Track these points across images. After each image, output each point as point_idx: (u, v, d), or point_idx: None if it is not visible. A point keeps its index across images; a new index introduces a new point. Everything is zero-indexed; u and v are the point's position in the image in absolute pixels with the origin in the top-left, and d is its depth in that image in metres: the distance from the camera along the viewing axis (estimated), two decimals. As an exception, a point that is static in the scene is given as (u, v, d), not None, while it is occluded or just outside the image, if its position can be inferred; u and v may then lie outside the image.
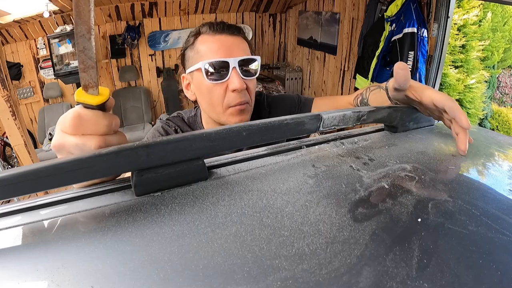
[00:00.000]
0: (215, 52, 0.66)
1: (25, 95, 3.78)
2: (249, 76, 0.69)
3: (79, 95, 0.31)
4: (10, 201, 0.33)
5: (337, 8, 3.29)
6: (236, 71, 0.66)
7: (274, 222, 0.26)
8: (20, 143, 2.12)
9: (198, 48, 0.69)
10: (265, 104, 0.84)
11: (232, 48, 0.68)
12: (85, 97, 0.31)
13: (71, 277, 0.21)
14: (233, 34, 0.69)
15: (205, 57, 0.67)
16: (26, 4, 3.09)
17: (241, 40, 0.71)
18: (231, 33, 0.69)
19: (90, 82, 0.31)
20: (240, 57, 0.67)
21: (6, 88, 1.96)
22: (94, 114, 0.32)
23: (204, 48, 0.68)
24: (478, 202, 0.30)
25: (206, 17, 4.16)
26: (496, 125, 4.08)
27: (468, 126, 0.41)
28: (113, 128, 0.34)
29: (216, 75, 0.66)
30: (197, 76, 0.69)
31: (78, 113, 0.32)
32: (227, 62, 0.65)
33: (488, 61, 3.63)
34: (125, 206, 0.29)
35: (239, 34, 0.71)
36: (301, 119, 0.38)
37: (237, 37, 0.70)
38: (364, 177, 0.33)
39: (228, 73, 0.66)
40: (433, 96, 0.45)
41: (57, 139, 0.34)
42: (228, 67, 0.66)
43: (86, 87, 0.31)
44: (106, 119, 0.33)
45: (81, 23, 0.27)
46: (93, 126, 0.32)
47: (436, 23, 2.09)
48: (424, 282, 0.21)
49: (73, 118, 0.32)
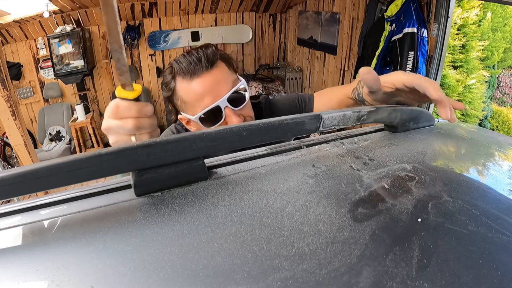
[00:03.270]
0: (200, 99, 0.63)
1: (25, 95, 3.78)
2: (241, 103, 0.67)
3: (119, 92, 0.41)
4: (10, 201, 0.33)
5: (337, 8, 3.29)
6: (229, 108, 0.64)
7: (274, 222, 0.26)
8: (20, 143, 2.12)
9: (181, 96, 0.66)
10: (267, 109, 0.83)
11: (215, 87, 0.64)
12: (123, 93, 0.41)
13: (71, 277, 0.21)
14: (209, 68, 0.64)
15: (193, 108, 0.65)
16: (26, 4, 3.09)
17: (219, 69, 0.66)
18: (206, 69, 0.63)
19: (126, 82, 0.40)
20: (227, 94, 0.64)
21: (6, 88, 1.96)
22: (127, 103, 0.42)
23: (187, 97, 0.65)
24: (478, 202, 0.30)
25: (206, 17, 4.17)
26: (496, 125, 4.08)
27: (436, 96, 0.41)
28: (144, 113, 0.43)
29: (212, 121, 0.65)
30: (194, 122, 0.68)
31: (116, 103, 0.43)
32: (217, 106, 0.63)
33: (488, 61, 3.63)
34: (125, 206, 0.29)
35: (214, 62, 0.65)
36: (301, 119, 0.37)
37: (214, 69, 0.64)
38: (364, 177, 0.33)
39: (222, 113, 0.64)
40: (402, 79, 0.45)
41: (104, 123, 0.45)
42: (220, 109, 0.64)
43: (124, 86, 0.41)
44: (137, 106, 0.43)
45: (113, 41, 0.36)
46: (127, 112, 0.43)
47: (436, 23, 2.09)
48: (424, 282, 0.21)
49: (113, 107, 0.43)
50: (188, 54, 0.65)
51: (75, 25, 3.53)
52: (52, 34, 3.51)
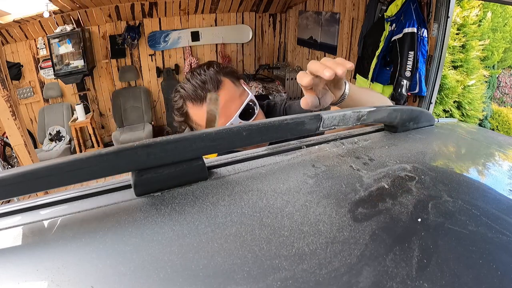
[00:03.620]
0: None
1: (25, 95, 3.78)
2: (252, 115, 0.69)
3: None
4: (10, 201, 0.33)
5: (337, 8, 3.29)
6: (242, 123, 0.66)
7: (274, 222, 0.26)
8: (20, 143, 2.12)
9: (196, 120, 0.68)
10: (282, 113, 0.83)
11: (224, 108, 0.65)
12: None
13: (71, 277, 0.21)
14: (217, 91, 0.65)
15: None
16: (26, 4, 3.09)
17: (225, 89, 0.66)
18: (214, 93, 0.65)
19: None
20: (238, 112, 0.66)
21: (6, 88, 1.96)
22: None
23: (201, 121, 0.67)
24: (478, 202, 0.30)
25: (206, 17, 4.17)
26: (496, 125, 4.08)
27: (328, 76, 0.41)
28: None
29: None
30: None
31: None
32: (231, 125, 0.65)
33: (488, 61, 3.63)
34: (125, 206, 0.29)
35: (219, 83, 0.66)
36: (301, 119, 0.37)
37: (220, 91, 0.65)
38: (364, 177, 0.33)
39: None
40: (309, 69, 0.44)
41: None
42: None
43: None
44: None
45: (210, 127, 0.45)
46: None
47: (436, 23, 2.09)
48: (424, 282, 0.21)
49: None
50: (192, 78, 0.66)
51: (75, 25, 3.53)
52: (52, 34, 3.50)
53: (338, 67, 0.42)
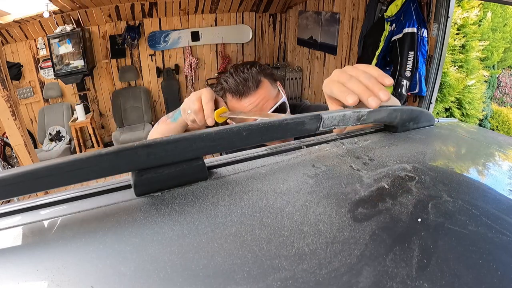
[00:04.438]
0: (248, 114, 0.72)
1: (25, 95, 3.78)
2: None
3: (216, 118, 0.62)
4: (10, 201, 0.33)
5: (337, 8, 3.29)
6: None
7: (274, 222, 0.26)
8: (20, 143, 2.12)
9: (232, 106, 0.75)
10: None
11: (260, 105, 0.72)
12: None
13: (71, 277, 0.21)
14: (255, 88, 0.72)
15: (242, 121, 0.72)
16: (26, 4, 3.09)
17: (263, 88, 0.73)
18: (253, 89, 0.72)
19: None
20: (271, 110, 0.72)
21: (6, 88, 1.96)
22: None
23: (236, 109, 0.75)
24: (478, 202, 0.30)
25: (206, 17, 4.17)
26: (496, 125, 4.08)
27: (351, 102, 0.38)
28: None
29: None
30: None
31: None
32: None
33: (488, 61, 3.63)
34: (125, 206, 0.29)
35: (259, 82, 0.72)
36: (301, 119, 0.37)
37: (259, 89, 0.73)
38: (364, 177, 0.33)
39: None
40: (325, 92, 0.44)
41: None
42: None
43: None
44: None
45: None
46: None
47: (436, 23, 2.09)
48: (424, 282, 0.21)
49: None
50: (235, 73, 0.73)
51: (75, 25, 3.53)
52: (52, 34, 3.50)
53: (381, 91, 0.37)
